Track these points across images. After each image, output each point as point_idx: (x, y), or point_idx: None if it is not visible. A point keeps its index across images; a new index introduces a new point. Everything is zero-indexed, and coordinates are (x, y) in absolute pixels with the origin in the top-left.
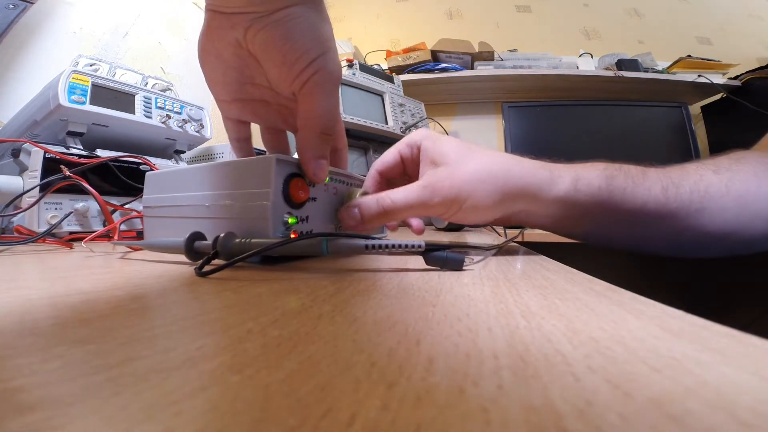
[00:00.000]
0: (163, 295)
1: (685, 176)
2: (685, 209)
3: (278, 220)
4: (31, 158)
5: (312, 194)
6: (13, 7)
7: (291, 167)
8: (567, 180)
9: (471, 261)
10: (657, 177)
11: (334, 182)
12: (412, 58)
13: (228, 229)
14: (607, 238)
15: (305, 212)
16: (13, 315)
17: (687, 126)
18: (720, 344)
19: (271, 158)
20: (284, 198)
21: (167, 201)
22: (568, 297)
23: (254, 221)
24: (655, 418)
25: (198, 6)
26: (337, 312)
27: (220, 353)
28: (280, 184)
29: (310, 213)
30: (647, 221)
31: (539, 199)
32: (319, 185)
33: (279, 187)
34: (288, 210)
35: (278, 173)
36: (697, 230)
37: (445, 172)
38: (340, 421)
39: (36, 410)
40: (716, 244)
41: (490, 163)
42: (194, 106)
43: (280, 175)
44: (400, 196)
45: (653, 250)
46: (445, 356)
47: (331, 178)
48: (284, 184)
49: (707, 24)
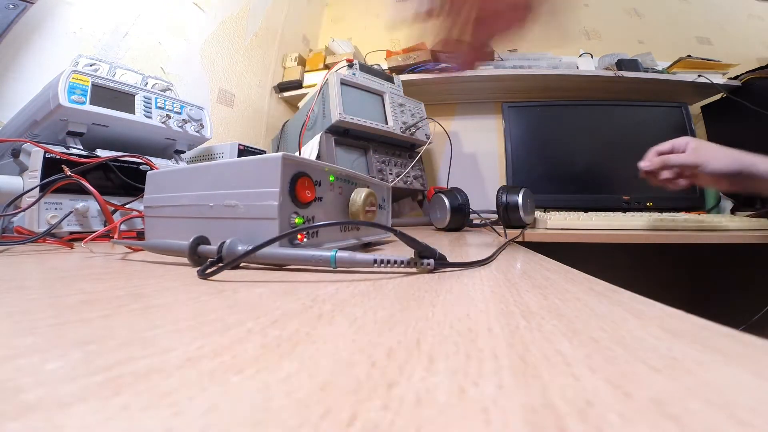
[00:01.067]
0: (164, 295)
1: None
2: None
3: (285, 220)
4: (31, 158)
5: (318, 194)
6: (13, 7)
7: (297, 166)
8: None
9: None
10: None
11: (340, 181)
12: (412, 58)
13: (232, 230)
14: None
15: (311, 212)
16: (14, 315)
17: (687, 126)
18: (720, 344)
19: (278, 157)
20: (291, 197)
21: (169, 201)
22: (568, 297)
23: (261, 221)
24: (655, 418)
25: (198, 6)
26: (337, 312)
27: (220, 353)
28: (287, 183)
29: (316, 213)
30: None
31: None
32: (325, 184)
33: (286, 186)
34: (295, 210)
35: (285, 172)
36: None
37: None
38: (340, 421)
39: (36, 410)
40: None
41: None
42: (194, 106)
43: (287, 173)
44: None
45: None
46: (445, 356)
47: (336, 177)
48: (291, 183)
49: (707, 24)
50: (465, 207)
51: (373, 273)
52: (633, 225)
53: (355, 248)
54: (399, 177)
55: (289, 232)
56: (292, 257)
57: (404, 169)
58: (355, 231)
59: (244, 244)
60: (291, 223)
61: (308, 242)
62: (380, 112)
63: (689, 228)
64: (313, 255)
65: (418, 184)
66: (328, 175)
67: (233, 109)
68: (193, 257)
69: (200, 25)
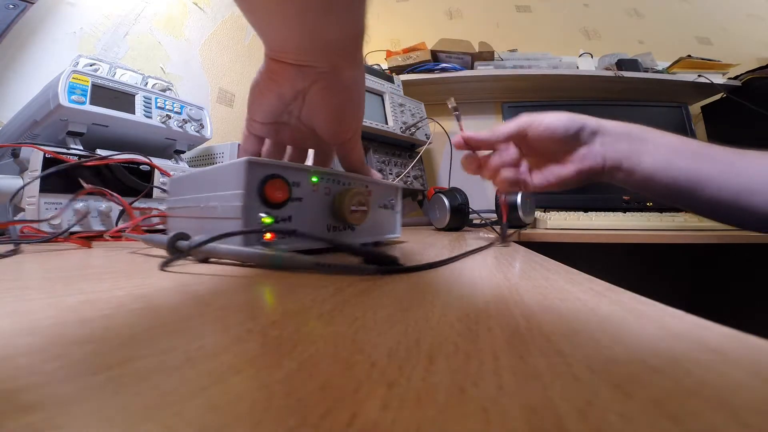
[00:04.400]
0: (164, 295)
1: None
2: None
3: (251, 220)
4: (31, 158)
5: (296, 194)
6: (13, 7)
7: (267, 169)
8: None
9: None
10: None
11: (326, 182)
12: (412, 58)
13: (215, 228)
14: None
15: (287, 212)
16: (14, 315)
17: (687, 126)
18: (720, 344)
19: (242, 161)
20: (260, 198)
21: (180, 202)
22: (568, 297)
23: (230, 221)
24: (655, 418)
25: (198, 6)
26: (337, 312)
27: (220, 353)
28: (254, 185)
29: (293, 213)
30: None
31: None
32: (305, 185)
33: (253, 188)
34: (266, 210)
35: (251, 175)
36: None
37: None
38: (340, 421)
39: (36, 410)
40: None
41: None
42: (194, 106)
43: (255, 176)
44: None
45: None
46: (445, 356)
47: (321, 177)
48: (260, 185)
49: (707, 24)
50: (465, 207)
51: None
52: (633, 225)
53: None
54: (399, 177)
55: (214, 238)
56: (239, 254)
57: (404, 169)
58: (349, 231)
59: (190, 239)
60: (259, 223)
61: (280, 240)
62: (380, 112)
63: (689, 228)
64: (258, 253)
65: (418, 184)
66: (310, 176)
67: (233, 109)
68: (171, 251)
69: (200, 25)
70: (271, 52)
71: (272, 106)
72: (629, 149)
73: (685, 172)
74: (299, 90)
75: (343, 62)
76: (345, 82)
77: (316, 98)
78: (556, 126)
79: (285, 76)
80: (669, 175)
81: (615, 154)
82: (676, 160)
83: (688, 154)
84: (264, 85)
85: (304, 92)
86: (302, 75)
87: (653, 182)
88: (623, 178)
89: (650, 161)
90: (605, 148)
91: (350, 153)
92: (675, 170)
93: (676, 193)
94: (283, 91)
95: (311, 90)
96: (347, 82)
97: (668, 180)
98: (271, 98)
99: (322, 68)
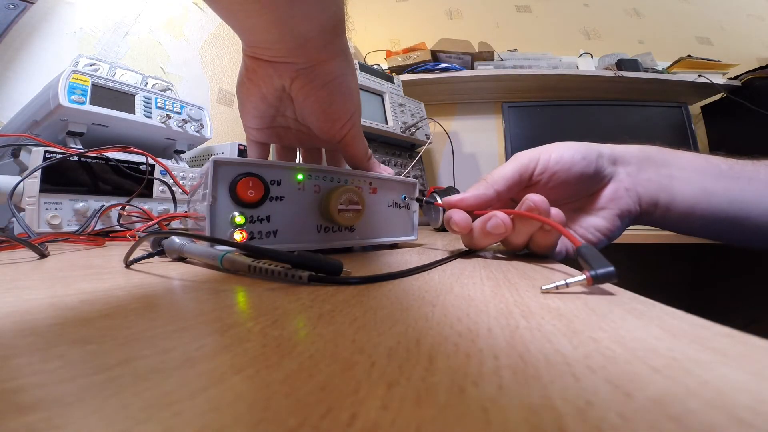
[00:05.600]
0: (164, 295)
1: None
2: None
3: (220, 220)
4: (31, 158)
5: (276, 193)
6: (13, 7)
7: (238, 168)
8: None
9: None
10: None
11: (315, 180)
12: (412, 58)
13: (202, 228)
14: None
15: (264, 211)
16: (14, 315)
17: (687, 126)
18: (720, 344)
19: (210, 161)
20: (232, 198)
21: (192, 204)
22: (568, 297)
23: (203, 220)
24: (655, 418)
25: (198, 6)
26: (337, 312)
27: (220, 353)
28: (225, 185)
29: (273, 212)
30: None
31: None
32: (289, 183)
33: (224, 188)
34: (239, 209)
35: (220, 175)
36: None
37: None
38: (340, 421)
39: (36, 410)
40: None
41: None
42: (194, 106)
43: (224, 176)
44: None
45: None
46: (445, 356)
47: (309, 175)
48: (231, 185)
49: (707, 24)
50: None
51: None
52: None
53: (355, 250)
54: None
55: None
56: (192, 252)
57: (404, 169)
58: (347, 232)
59: (185, 240)
60: (230, 222)
61: (264, 241)
62: (380, 112)
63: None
64: (207, 251)
65: (419, 184)
66: (294, 174)
67: (233, 109)
68: (154, 248)
69: (200, 25)
70: (248, 48)
71: (259, 110)
72: (658, 179)
73: (726, 198)
74: (279, 89)
75: (321, 55)
76: (327, 77)
77: (300, 96)
78: (571, 156)
79: (261, 74)
80: (710, 203)
81: (648, 187)
82: (710, 184)
83: (716, 174)
84: (246, 85)
85: (286, 91)
86: (279, 72)
87: (694, 216)
88: (660, 216)
89: (686, 190)
90: (633, 180)
91: (348, 149)
92: (714, 197)
93: (719, 224)
94: (264, 92)
95: (293, 88)
96: (330, 76)
97: (710, 211)
98: (255, 101)
99: (299, 64)
